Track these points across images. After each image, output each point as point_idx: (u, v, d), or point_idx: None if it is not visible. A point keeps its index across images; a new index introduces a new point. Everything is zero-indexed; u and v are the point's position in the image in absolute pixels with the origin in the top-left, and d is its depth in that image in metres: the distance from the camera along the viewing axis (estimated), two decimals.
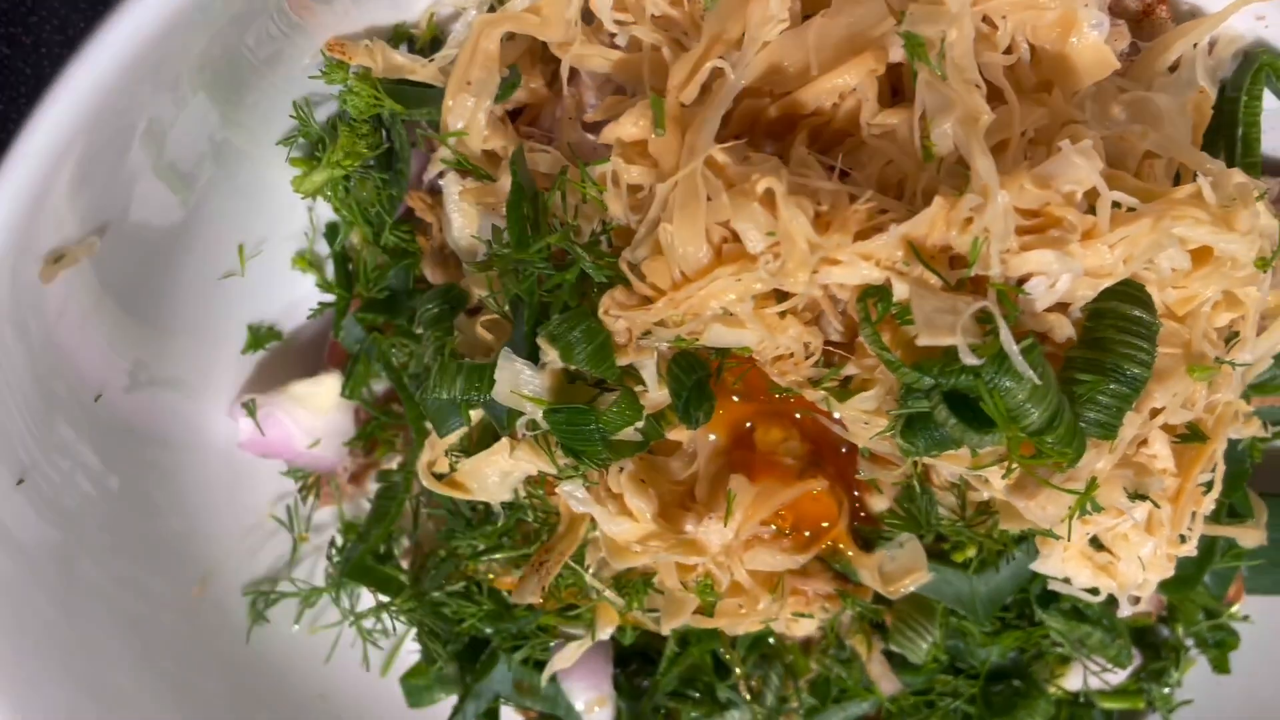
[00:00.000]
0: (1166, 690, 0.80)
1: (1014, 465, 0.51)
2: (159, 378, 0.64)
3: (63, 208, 0.44)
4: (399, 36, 0.62)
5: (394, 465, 0.76)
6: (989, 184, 0.46)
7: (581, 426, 0.53)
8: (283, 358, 0.73)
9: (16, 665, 0.55)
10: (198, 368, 0.67)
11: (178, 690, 0.67)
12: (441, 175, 0.61)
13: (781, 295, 0.51)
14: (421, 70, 0.60)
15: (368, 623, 0.76)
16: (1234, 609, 0.79)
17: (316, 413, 0.70)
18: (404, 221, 0.67)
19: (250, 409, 0.68)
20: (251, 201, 0.64)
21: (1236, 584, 0.78)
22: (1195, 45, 0.58)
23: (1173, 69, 0.59)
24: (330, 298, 0.71)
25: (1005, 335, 0.45)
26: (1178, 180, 0.56)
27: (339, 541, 0.79)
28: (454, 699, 0.79)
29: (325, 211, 0.70)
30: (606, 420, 0.53)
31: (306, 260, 0.70)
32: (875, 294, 0.49)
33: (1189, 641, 0.81)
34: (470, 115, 0.59)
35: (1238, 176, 0.52)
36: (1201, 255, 0.52)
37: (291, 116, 0.61)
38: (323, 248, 0.71)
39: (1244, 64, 0.62)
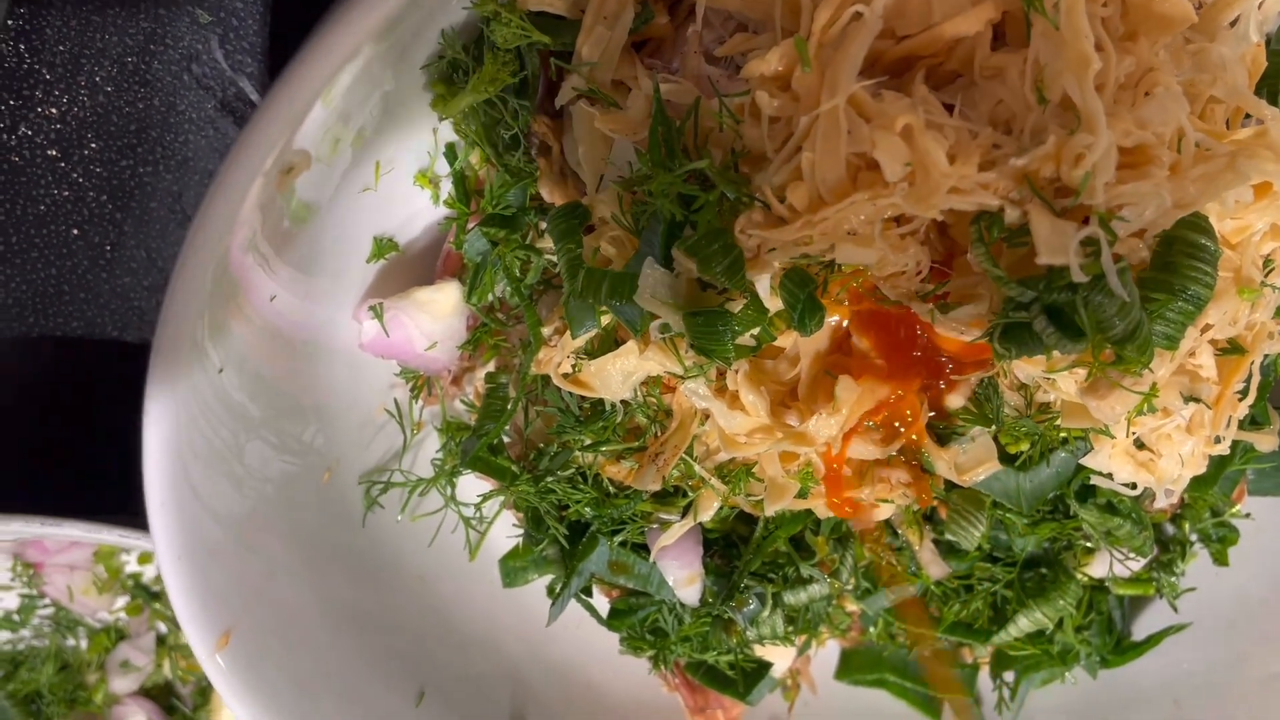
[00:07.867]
0: (1173, 579, 0.90)
1: (1093, 370, 0.60)
2: (305, 286, 0.70)
3: (313, 127, 0.49)
4: None
5: (492, 368, 0.82)
6: (1099, 125, 0.53)
7: (716, 328, 0.60)
8: (398, 268, 0.79)
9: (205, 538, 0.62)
10: (333, 276, 0.73)
11: (311, 568, 0.75)
12: (572, 102, 0.67)
13: (901, 219, 0.58)
14: (559, 3, 0.65)
15: (467, 511, 0.84)
16: (1236, 508, 0.89)
17: (436, 318, 0.76)
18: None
19: (378, 312, 0.74)
20: (391, 126, 0.69)
21: (1240, 486, 0.88)
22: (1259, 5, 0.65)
23: (1231, 24, 0.66)
24: (446, 212, 0.77)
25: (1107, 258, 0.53)
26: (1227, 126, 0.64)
27: (439, 438, 0.86)
28: (542, 581, 0.87)
29: (444, 133, 0.75)
30: (740, 321, 0.60)
31: (426, 178, 0.76)
32: (988, 219, 0.56)
33: (1194, 537, 0.91)
34: (604, 47, 0.65)
35: None
36: (1260, 190, 0.60)
37: (439, 44, 0.66)
38: (441, 167, 0.77)
39: None
